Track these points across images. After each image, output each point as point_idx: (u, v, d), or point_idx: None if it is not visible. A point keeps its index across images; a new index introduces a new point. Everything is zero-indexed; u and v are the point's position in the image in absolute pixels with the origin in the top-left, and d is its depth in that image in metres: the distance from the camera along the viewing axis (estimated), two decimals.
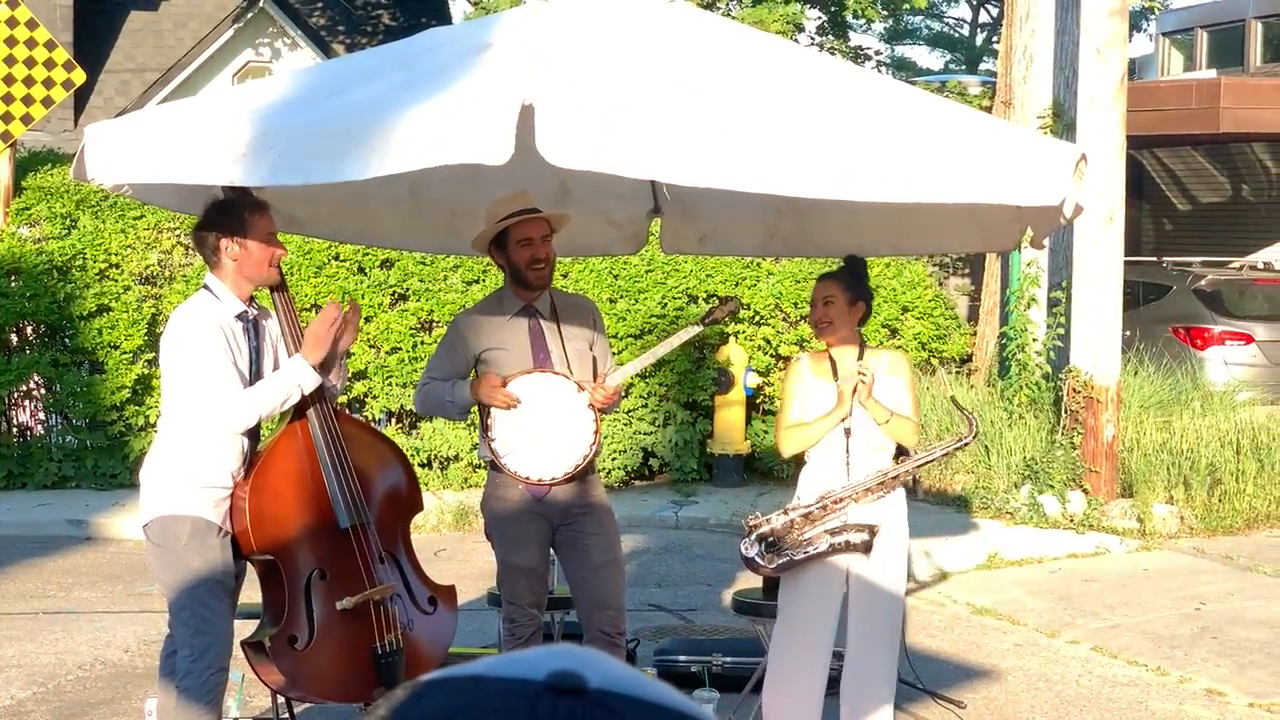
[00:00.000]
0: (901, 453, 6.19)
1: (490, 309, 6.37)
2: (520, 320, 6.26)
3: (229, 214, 5.52)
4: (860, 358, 6.17)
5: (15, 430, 13.12)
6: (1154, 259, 18.74)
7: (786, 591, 6.22)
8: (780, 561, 6.08)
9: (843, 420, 6.07)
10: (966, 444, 6.51)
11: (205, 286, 5.59)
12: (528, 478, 6.12)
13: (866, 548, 6.00)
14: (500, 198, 6.23)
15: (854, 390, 6.05)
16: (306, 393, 5.53)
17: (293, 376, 5.49)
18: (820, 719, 6.21)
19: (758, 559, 6.10)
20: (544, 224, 6.20)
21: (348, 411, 5.80)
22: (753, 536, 6.10)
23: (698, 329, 6.44)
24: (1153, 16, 33.12)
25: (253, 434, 5.62)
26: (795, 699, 6.13)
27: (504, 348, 6.21)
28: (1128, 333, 13.29)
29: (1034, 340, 13.49)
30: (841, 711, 6.24)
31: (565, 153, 4.54)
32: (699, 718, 0.83)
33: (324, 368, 5.64)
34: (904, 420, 6.14)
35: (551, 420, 6.15)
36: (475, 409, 6.31)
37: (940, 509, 12.37)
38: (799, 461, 6.29)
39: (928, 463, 6.35)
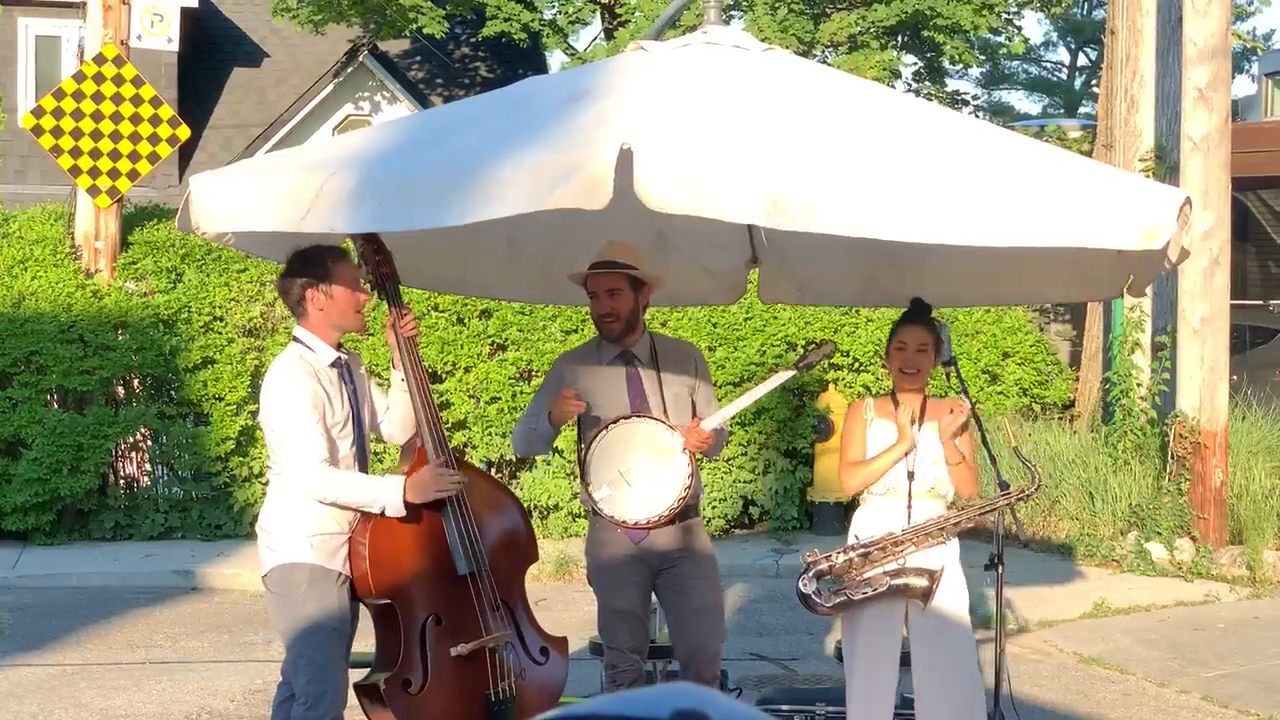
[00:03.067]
0: (955, 501, 6.19)
1: (588, 354, 6.42)
2: (618, 366, 6.29)
3: (313, 262, 5.57)
4: (923, 404, 6.16)
5: (122, 482, 13.28)
6: (1260, 302, 18.46)
7: (846, 635, 6.18)
8: (837, 601, 6.02)
9: (906, 454, 6.05)
10: (1029, 495, 6.44)
11: (296, 339, 5.63)
12: (624, 521, 6.15)
13: (926, 594, 5.93)
14: (603, 245, 6.26)
15: (912, 422, 6.03)
16: (382, 514, 5.54)
17: (382, 494, 5.51)
18: None
19: (814, 596, 6.04)
20: (616, 278, 6.19)
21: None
22: (810, 573, 6.05)
23: (791, 373, 6.48)
24: (1255, 57, 32.76)
25: (364, 472, 5.66)
26: None
27: (601, 392, 6.25)
28: (1235, 377, 13.08)
29: (1139, 385, 13.33)
30: None
31: (663, 197, 4.53)
32: None
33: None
34: (968, 467, 6.12)
35: (645, 465, 6.18)
36: (576, 459, 6.35)
37: (1045, 556, 12.22)
38: (853, 502, 6.26)
39: (989, 511, 6.27)
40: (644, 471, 6.17)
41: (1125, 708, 8.41)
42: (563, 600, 10.81)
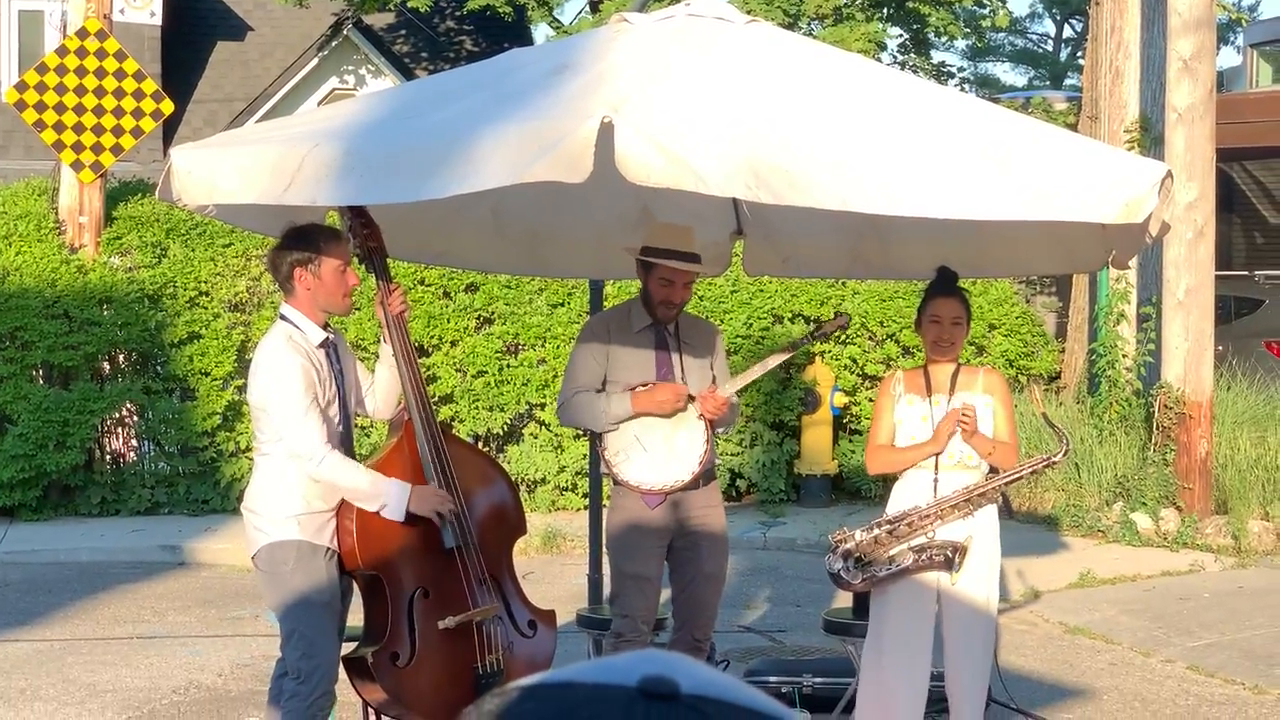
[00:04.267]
0: (993, 469, 6.14)
1: (621, 319, 6.51)
2: (647, 334, 6.40)
3: (305, 240, 5.55)
4: (956, 375, 6.13)
5: (109, 458, 13.26)
6: (1245, 273, 18.49)
7: (875, 610, 6.18)
8: (865, 577, 6.05)
9: (938, 454, 6.04)
10: (1056, 462, 6.45)
11: (283, 317, 5.61)
12: (638, 486, 6.25)
13: (949, 564, 5.95)
14: (667, 222, 6.33)
15: (950, 431, 6.01)
16: (380, 514, 5.53)
17: (386, 494, 5.51)
18: None
19: (843, 574, 6.07)
20: (691, 274, 6.34)
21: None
22: (838, 552, 6.08)
23: (804, 342, 6.72)
24: (1240, 28, 32.73)
25: (348, 455, 5.65)
26: (896, 716, 6.07)
27: (629, 359, 6.34)
28: (1220, 348, 13.10)
29: (1124, 356, 13.35)
30: None
31: (644, 170, 4.54)
32: None
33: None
34: (1005, 446, 6.09)
35: (664, 432, 6.31)
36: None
37: (1031, 528, 12.25)
38: (891, 477, 6.27)
39: (1014, 480, 6.27)
40: (660, 438, 6.30)
41: (1111, 677, 8.44)
42: (550, 574, 10.83)
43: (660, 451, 6.28)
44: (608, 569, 6.74)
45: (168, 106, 13.86)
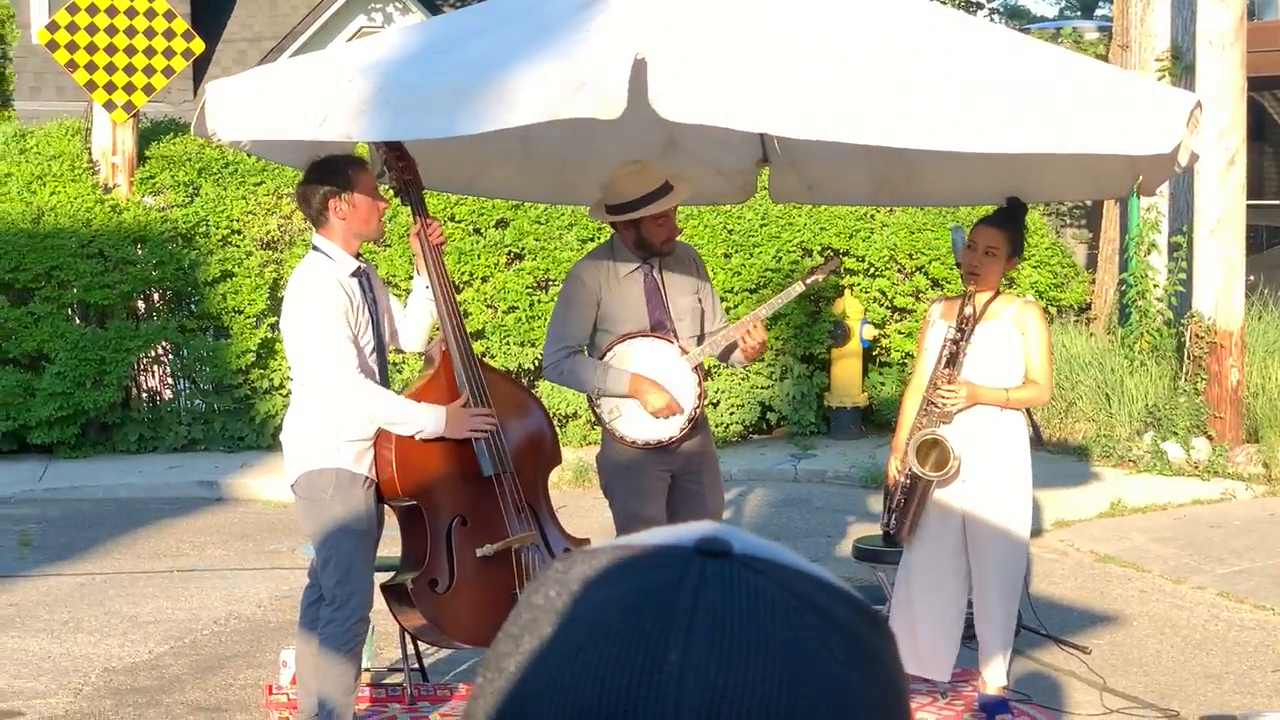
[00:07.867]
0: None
1: (605, 264, 6.38)
2: (635, 278, 6.32)
3: (335, 171, 5.60)
4: (988, 305, 6.13)
5: (145, 395, 13.39)
6: (1276, 202, 18.41)
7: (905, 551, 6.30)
8: (909, 519, 6.14)
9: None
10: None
11: (315, 248, 5.67)
12: (634, 441, 6.24)
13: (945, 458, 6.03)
14: (623, 170, 6.23)
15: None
16: (418, 438, 5.61)
17: (421, 420, 5.58)
18: (951, 663, 6.24)
19: (891, 529, 6.20)
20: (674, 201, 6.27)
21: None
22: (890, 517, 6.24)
23: (799, 289, 6.56)
24: None
25: (384, 383, 5.73)
26: (922, 642, 6.14)
27: (621, 307, 6.28)
28: (1251, 277, 13.08)
29: (1155, 286, 13.35)
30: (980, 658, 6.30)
31: (679, 107, 4.58)
32: (833, 584, 0.88)
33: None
34: (1025, 390, 6.10)
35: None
36: None
37: (1061, 458, 12.29)
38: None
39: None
40: None
41: (1141, 604, 8.50)
42: (582, 507, 10.90)
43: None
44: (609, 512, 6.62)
45: (198, 46, 13.90)
